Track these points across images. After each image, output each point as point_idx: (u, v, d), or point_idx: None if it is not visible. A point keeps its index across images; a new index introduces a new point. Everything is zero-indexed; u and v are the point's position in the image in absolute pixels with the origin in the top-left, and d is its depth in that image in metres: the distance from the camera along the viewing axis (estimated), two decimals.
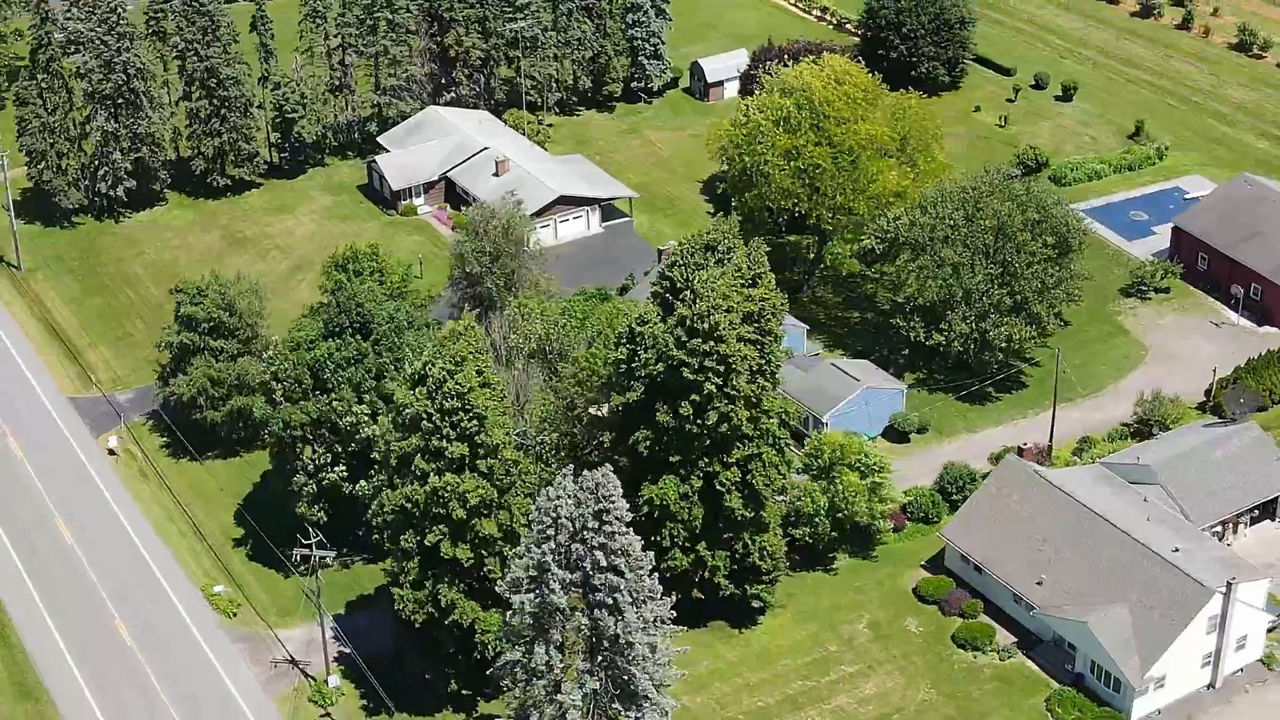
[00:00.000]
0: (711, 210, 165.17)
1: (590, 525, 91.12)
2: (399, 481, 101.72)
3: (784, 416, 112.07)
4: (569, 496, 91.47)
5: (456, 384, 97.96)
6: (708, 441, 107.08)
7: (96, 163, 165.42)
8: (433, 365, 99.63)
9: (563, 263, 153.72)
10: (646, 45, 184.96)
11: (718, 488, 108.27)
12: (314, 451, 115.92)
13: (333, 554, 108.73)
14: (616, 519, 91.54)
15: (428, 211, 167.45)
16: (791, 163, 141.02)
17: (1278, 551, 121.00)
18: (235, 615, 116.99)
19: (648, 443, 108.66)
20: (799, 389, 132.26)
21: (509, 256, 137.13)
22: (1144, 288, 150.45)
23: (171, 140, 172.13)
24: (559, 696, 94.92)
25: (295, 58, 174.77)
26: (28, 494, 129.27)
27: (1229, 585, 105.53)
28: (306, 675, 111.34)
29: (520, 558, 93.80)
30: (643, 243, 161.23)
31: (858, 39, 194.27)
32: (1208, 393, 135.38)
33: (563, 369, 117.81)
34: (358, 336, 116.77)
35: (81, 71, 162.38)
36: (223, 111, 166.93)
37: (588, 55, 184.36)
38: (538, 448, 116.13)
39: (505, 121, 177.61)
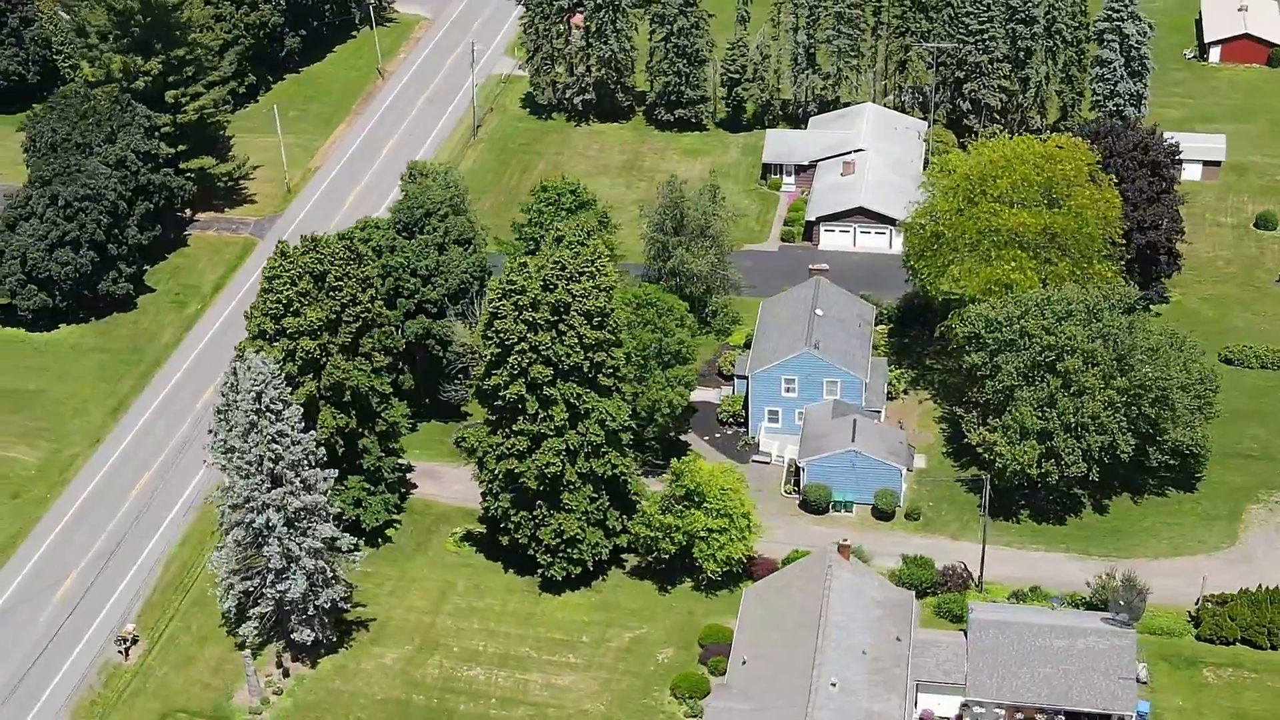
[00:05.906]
0: None
1: (246, 401, 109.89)
2: None
3: (605, 417, 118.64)
4: (232, 375, 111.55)
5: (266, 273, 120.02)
6: (497, 402, 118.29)
7: (570, 72, 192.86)
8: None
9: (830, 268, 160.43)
10: (1106, 104, 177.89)
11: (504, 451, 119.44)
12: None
13: None
14: (257, 396, 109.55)
15: (789, 190, 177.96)
16: (928, 226, 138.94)
17: None
18: None
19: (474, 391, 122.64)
20: (814, 430, 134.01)
21: (675, 244, 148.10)
22: None
23: (644, 71, 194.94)
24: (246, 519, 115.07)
25: (763, 30, 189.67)
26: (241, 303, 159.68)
27: None
28: None
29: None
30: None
31: None
32: (1197, 603, 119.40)
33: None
34: (404, 235, 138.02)
35: None
36: (671, 56, 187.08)
37: (1046, 95, 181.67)
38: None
39: (925, 135, 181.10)
